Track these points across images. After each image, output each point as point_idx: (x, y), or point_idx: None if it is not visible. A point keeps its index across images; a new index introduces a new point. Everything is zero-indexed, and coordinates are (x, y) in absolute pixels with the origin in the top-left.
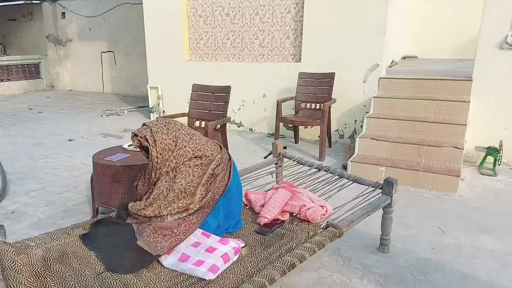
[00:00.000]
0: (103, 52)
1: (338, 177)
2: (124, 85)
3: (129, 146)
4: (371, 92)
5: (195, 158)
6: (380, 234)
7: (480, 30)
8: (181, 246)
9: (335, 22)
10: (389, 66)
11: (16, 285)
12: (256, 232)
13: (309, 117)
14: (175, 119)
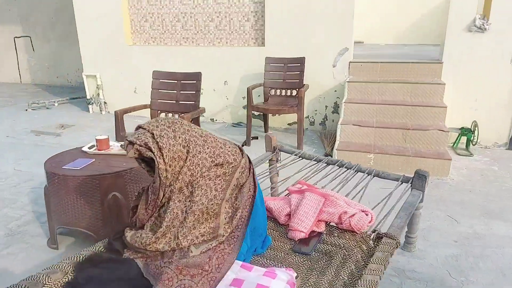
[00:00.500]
0: (17, 38)
1: (354, 172)
2: (47, 74)
3: (90, 149)
4: (342, 77)
5: (215, 167)
6: (406, 232)
7: (449, 13)
8: None
9: (300, 4)
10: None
11: None
12: (295, 252)
13: (281, 104)
14: (176, 117)
